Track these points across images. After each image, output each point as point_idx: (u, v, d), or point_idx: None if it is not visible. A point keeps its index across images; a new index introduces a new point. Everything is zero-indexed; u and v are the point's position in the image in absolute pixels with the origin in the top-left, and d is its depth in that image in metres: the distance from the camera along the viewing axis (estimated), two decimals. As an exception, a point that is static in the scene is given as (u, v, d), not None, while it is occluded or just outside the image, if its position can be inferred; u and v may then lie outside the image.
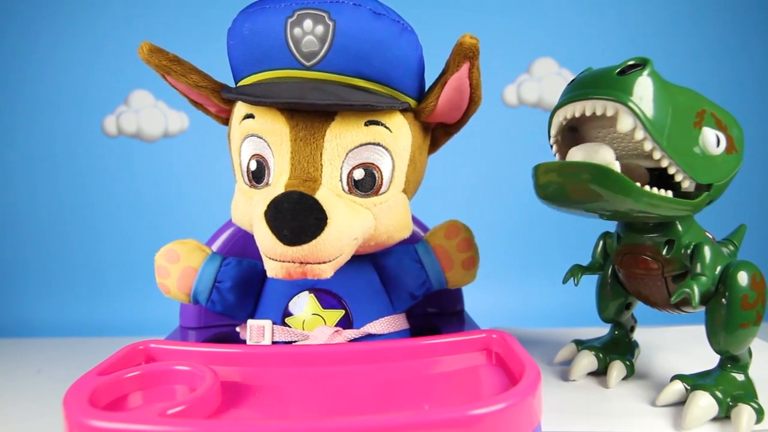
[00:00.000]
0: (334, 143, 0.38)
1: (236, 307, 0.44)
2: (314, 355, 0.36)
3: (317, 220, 0.35)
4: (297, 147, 0.38)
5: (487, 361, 0.36)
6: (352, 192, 0.39)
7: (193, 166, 1.56)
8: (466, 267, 0.47)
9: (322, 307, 0.42)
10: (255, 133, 0.39)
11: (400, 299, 0.46)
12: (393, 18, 0.38)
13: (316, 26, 0.36)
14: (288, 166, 0.38)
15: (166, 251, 0.44)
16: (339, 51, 0.36)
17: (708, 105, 0.36)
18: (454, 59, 0.37)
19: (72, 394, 0.28)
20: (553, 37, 1.52)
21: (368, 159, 0.38)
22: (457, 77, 0.38)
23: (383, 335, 0.43)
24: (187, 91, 0.42)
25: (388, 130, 0.39)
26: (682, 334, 0.59)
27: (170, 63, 0.40)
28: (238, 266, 0.45)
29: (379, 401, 0.31)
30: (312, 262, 0.35)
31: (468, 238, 0.47)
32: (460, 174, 1.49)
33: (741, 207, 1.13)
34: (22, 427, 0.45)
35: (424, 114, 0.41)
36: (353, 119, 0.38)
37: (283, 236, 0.34)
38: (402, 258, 0.46)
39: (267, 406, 0.31)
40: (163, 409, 0.26)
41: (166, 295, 0.45)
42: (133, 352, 0.36)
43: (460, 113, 0.42)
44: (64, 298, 1.53)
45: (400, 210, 0.41)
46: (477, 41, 0.36)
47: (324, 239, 0.34)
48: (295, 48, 0.37)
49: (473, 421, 0.24)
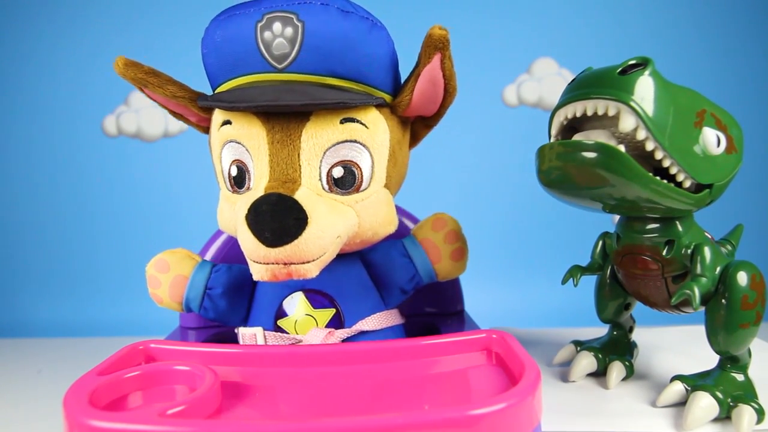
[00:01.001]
0: (310, 143, 0.38)
1: (229, 313, 0.45)
2: (314, 355, 0.36)
3: (297, 221, 0.35)
4: (275, 149, 0.38)
5: (487, 362, 0.36)
6: (333, 190, 0.39)
7: (193, 167, 1.56)
8: (454, 258, 0.47)
9: (312, 307, 0.42)
10: (233, 139, 0.39)
11: (391, 295, 0.46)
12: (362, 15, 0.38)
13: (286, 28, 0.36)
14: (267, 169, 0.38)
15: (156, 261, 0.45)
16: (310, 51, 0.37)
17: (708, 105, 0.36)
18: (425, 51, 0.37)
19: (72, 394, 0.28)
20: (553, 37, 1.52)
21: (346, 156, 0.39)
22: (429, 69, 0.38)
23: (376, 332, 0.43)
24: (166, 102, 0.43)
25: (365, 127, 0.39)
26: (681, 334, 0.59)
27: (146, 75, 0.40)
28: (228, 272, 0.45)
29: (379, 401, 0.31)
30: (296, 263, 0.35)
31: (455, 230, 0.47)
32: (459, 174, 1.49)
33: (740, 207, 1.13)
34: (23, 427, 0.45)
35: (400, 108, 0.41)
36: (328, 118, 0.38)
37: (265, 238, 0.34)
38: (390, 253, 0.47)
39: (267, 406, 0.31)
40: (163, 409, 0.26)
41: (158, 305, 0.46)
42: (133, 352, 0.36)
43: (437, 105, 0.42)
44: (64, 298, 1.53)
45: (383, 206, 0.41)
46: (447, 32, 0.36)
47: (305, 239, 0.35)
48: (266, 51, 0.37)
49: (473, 421, 0.24)
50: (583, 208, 0.41)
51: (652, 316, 0.47)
